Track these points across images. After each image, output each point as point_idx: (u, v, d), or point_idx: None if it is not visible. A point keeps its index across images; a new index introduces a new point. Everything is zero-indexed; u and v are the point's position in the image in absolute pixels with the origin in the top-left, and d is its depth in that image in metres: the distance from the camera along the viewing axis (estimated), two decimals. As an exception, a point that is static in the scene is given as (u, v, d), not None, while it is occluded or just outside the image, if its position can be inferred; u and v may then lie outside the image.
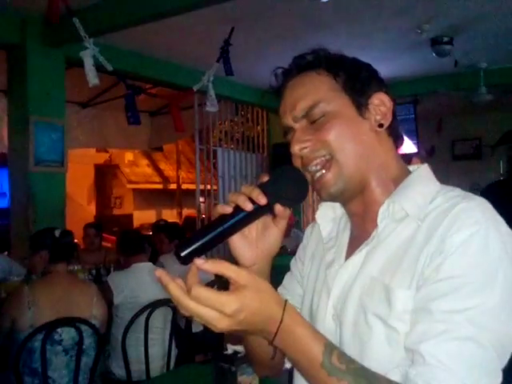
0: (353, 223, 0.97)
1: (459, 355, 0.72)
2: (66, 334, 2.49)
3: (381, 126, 0.91)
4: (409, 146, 7.14)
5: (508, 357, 0.77)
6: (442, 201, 0.84)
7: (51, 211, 4.29)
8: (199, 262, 0.73)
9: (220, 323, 0.71)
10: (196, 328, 3.57)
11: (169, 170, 17.16)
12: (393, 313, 0.80)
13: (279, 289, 1.09)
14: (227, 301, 0.70)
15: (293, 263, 1.10)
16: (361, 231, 0.93)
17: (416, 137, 7.07)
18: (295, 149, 0.90)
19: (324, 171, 0.89)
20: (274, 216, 0.89)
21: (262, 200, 0.83)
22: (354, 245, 0.93)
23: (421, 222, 0.83)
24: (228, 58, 4.20)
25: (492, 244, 0.76)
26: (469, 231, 0.76)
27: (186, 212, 14.81)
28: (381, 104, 0.91)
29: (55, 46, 4.26)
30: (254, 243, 0.90)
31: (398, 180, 0.91)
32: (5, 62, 4.40)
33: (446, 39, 4.81)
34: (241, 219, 0.84)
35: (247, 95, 6.62)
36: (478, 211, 0.79)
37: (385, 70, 5.41)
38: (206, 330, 2.77)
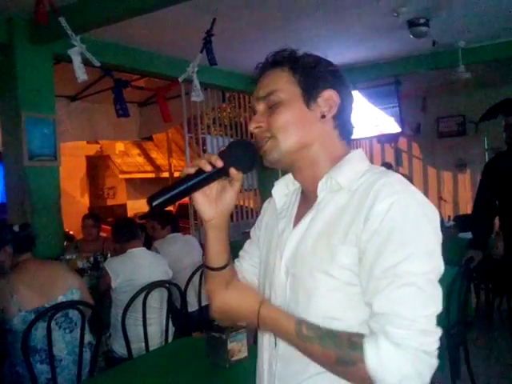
0: (303, 192, 1.17)
1: (402, 300, 0.90)
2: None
3: (323, 117, 1.09)
4: (393, 126, 7.30)
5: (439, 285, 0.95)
6: (369, 176, 1.03)
7: (47, 204, 4.43)
8: None
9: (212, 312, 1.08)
10: (191, 308, 3.76)
11: (160, 158, 17.24)
12: (333, 264, 0.99)
13: (241, 252, 1.31)
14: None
15: (252, 231, 1.32)
16: (307, 202, 1.13)
17: (400, 117, 7.21)
18: (251, 127, 1.12)
19: (265, 144, 1.10)
20: (230, 179, 1.10)
21: (219, 163, 1.05)
22: (301, 214, 1.13)
23: (352, 192, 1.02)
24: (211, 49, 4.30)
25: (411, 207, 0.96)
26: (390, 200, 0.95)
27: (179, 200, 14.91)
28: (329, 99, 1.09)
29: (42, 43, 4.34)
30: (213, 201, 1.11)
31: (339, 160, 1.10)
32: (-6, 61, 4.51)
33: (422, 21, 4.93)
34: (202, 179, 1.06)
35: (233, 82, 6.72)
36: (397, 184, 0.99)
37: (365, 52, 5.53)
38: (201, 310, 3.00)
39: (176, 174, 14.84)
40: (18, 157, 4.31)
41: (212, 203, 1.11)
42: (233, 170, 1.07)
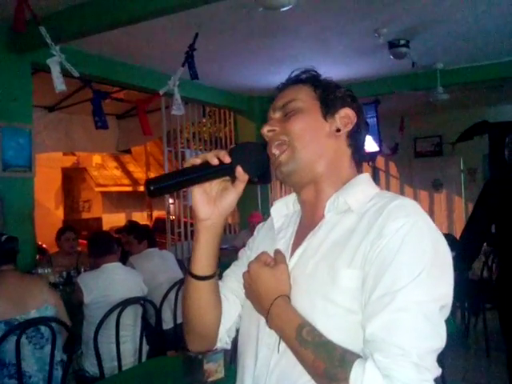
0: (303, 212, 1.13)
1: (397, 326, 0.84)
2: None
3: (338, 130, 1.08)
4: (371, 145, 7.35)
5: (445, 315, 0.91)
6: (379, 200, 1.00)
7: (20, 216, 4.32)
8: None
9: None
10: (166, 325, 3.68)
11: (138, 172, 17.10)
12: (335, 288, 0.94)
13: (226, 271, 1.24)
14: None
15: (241, 251, 1.26)
16: (309, 221, 1.08)
17: (378, 136, 7.26)
18: (264, 130, 1.09)
19: (281, 154, 1.06)
20: (234, 180, 1.05)
21: (227, 159, 1.02)
22: (302, 233, 1.08)
23: (361, 215, 0.99)
24: (193, 63, 4.29)
25: (423, 231, 0.92)
26: (402, 221, 0.92)
27: (156, 214, 14.82)
28: (345, 117, 1.09)
29: (21, 52, 4.28)
30: (212, 200, 1.07)
31: (347, 180, 1.07)
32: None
33: (402, 42, 5.01)
34: (206, 172, 1.02)
35: (214, 97, 6.73)
36: (410, 206, 0.96)
37: (345, 71, 5.55)
38: (176, 328, 2.91)
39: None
40: (-9, 167, 4.21)
41: (210, 202, 1.06)
42: (239, 169, 1.03)
